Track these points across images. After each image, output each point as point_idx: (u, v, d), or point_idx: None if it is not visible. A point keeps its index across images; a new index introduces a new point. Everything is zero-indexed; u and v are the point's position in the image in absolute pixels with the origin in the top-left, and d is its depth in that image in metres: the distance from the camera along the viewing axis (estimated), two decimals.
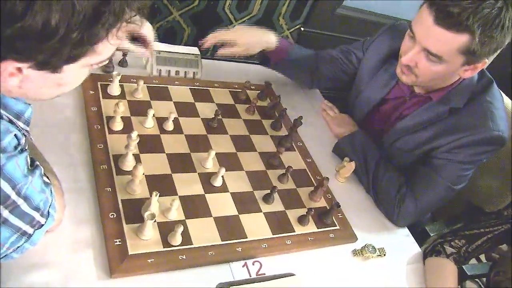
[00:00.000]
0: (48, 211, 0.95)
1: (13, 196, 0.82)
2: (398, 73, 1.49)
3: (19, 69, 0.74)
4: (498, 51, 1.37)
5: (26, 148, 0.89)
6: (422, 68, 1.40)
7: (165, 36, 2.40)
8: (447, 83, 1.49)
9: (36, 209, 0.90)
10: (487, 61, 1.38)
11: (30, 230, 0.91)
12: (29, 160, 0.88)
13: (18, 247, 0.92)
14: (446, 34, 1.29)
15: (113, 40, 0.78)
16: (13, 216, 0.85)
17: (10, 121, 0.88)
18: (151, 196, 1.18)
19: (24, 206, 0.86)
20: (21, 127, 0.92)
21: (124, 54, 1.63)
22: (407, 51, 1.40)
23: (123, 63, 1.65)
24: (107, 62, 1.34)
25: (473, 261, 1.71)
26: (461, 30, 1.27)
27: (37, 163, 0.92)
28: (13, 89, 0.80)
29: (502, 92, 1.60)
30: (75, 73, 0.83)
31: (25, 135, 0.92)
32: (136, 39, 1.46)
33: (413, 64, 1.41)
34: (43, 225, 0.94)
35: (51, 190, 0.97)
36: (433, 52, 1.34)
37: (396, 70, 1.50)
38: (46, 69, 0.76)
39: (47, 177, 0.97)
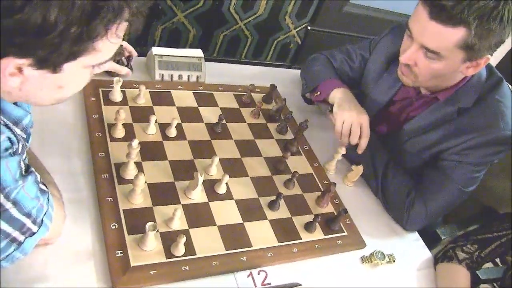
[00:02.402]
0: (42, 220, 0.93)
1: (1, 199, 0.81)
2: (399, 75, 1.46)
3: (20, 69, 0.74)
4: (501, 46, 1.32)
5: (22, 154, 0.88)
6: (421, 66, 1.36)
7: (170, 38, 2.39)
8: (451, 83, 1.45)
9: (27, 215, 0.88)
10: (490, 57, 1.33)
11: (20, 237, 0.89)
12: (23, 166, 0.87)
13: (8, 255, 0.89)
14: (442, 29, 1.26)
15: (113, 38, 0.78)
16: (1, 220, 0.83)
17: (6, 126, 0.86)
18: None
19: (13, 211, 0.84)
20: (17, 133, 0.90)
21: (129, 60, 1.60)
22: (406, 50, 1.37)
23: (128, 67, 1.62)
24: (106, 64, 1.38)
25: (488, 264, 1.67)
26: (456, 23, 1.23)
27: (32, 169, 0.90)
28: (13, 90, 0.80)
29: None
30: (75, 73, 0.83)
31: (23, 138, 0.92)
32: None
33: (412, 63, 1.37)
34: (35, 233, 0.92)
35: (48, 199, 0.95)
36: (431, 49, 1.30)
37: (397, 71, 1.47)
38: (46, 68, 0.76)
39: (45, 186, 0.95)
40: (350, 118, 1.52)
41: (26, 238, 0.90)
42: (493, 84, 1.48)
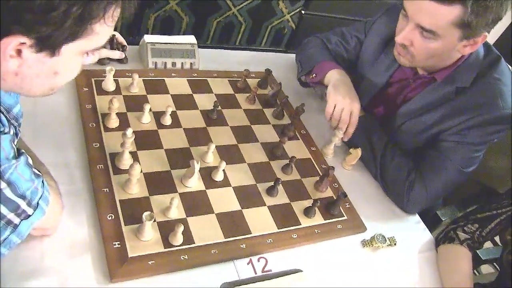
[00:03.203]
0: (38, 203, 0.93)
1: None
2: (396, 55, 1.45)
3: (19, 52, 0.76)
4: (498, 23, 1.30)
5: (13, 137, 0.87)
6: (417, 46, 1.35)
7: (162, 26, 2.36)
8: (448, 62, 1.44)
9: (22, 197, 0.87)
10: (487, 35, 1.32)
11: (15, 219, 0.89)
12: (15, 147, 0.87)
13: (5, 239, 0.89)
14: (438, 7, 1.24)
15: (109, 21, 0.81)
16: None
17: None
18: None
19: (7, 191, 0.84)
20: (9, 118, 0.92)
21: (123, 49, 1.60)
22: (401, 30, 1.35)
23: (123, 59, 1.60)
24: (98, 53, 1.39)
25: (488, 244, 1.66)
26: (452, 1, 1.22)
27: (23, 151, 0.90)
28: (8, 75, 0.81)
29: (511, 68, 1.54)
30: (71, 59, 0.85)
31: (13, 126, 0.93)
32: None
33: (408, 43, 1.36)
34: (30, 215, 0.91)
35: (43, 183, 0.94)
36: (427, 28, 1.29)
37: (394, 52, 1.45)
38: (46, 49, 0.78)
39: (38, 170, 0.95)
40: (342, 104, 1.51)
41: (21, 220, 0.90)
42: (491, 62, 1.46)
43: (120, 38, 1.58)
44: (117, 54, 1.56)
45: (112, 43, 1.55)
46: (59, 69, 0.85)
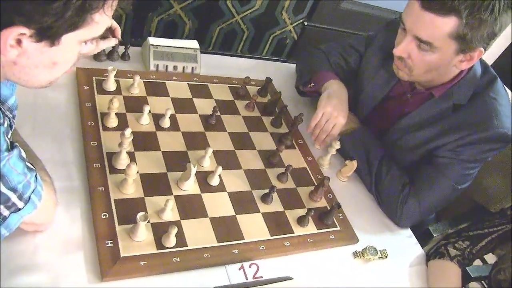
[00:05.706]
0: (30, 197, 0.92)
1: None
2: (394, 69, 1.46)
3: (19, 41, 0.77)
4: (495, 39, 1.32)
5: (6, 130, 0.87)
6: (415, 58, 1.36)
7: (165, 30, 2.37)
8: (445, 78, 1.45)
9: (13, 190, 0.87)
10: (483, 50, 1.33)
11: (5, 212, 0.88)
12: (8, 140, 0.86)
13: None
14: (434, 18, 1.26)
15: (108, 11, 0.84)
16: None
17: None
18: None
19: None
20: (3, 109, 0.92)
21: (126, 48, 1.61)
22: (399, 43, 1.37)
23: (125, 56, 1.62)
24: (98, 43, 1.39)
25: (477, 262, 1.67)
26: (447, 12, 1.24)
27: (17, 144, 0.89)
28: (7, 64, 0.82)
29: (507, 88, 1.55)
30: (70, 49, 0.86)
31: (8, 118, 0.92)
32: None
33: (406, 56, 1.37)
34: (20, 209, 0.91)
35: (36, 177, 0.94)
36: (424, 39, 1.30)
37: (393, 66, 1.47)
38: (46, 39, 0.79)
39: (32, 165, 0.94)
40: (329, 115, 1.54)
41: (11, 213, 0.89)
42: (487, 82, 1.48)
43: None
44: (112, 42, 1.52)
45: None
46: (58, 59, 0.86)
